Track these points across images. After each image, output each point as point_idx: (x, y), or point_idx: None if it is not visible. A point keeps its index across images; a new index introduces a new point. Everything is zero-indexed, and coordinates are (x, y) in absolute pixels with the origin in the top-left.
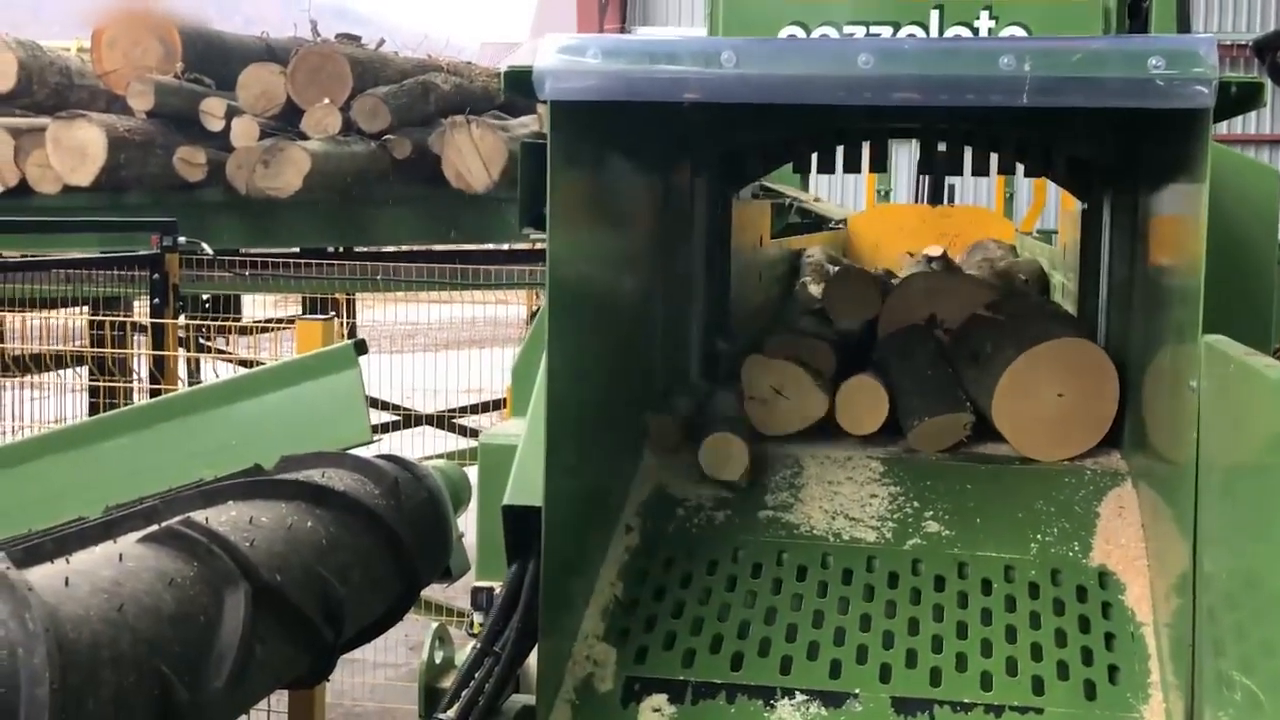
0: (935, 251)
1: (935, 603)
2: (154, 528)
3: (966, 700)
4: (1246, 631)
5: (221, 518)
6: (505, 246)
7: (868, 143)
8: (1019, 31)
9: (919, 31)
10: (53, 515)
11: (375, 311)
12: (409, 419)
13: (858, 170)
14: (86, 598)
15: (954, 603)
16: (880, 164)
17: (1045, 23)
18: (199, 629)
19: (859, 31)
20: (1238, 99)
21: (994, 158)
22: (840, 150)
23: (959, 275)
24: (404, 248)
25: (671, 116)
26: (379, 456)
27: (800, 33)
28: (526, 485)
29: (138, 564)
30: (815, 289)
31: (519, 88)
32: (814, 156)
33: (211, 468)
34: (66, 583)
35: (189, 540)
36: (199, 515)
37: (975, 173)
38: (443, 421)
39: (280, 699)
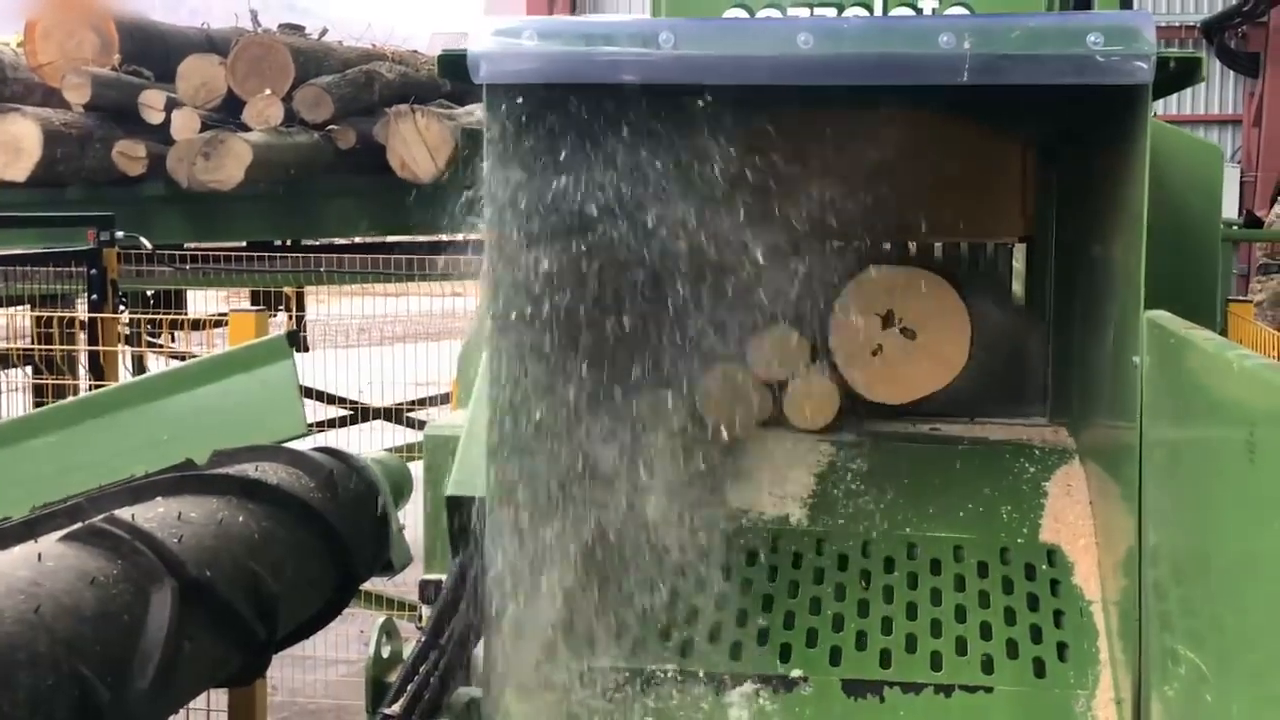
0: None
1: (885, 584)
2: (76, 526)
3: (917, 681)
4: (1191, 606)
5: (148, 514)
6: (460, 237)
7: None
8: (962, 11)
9: (863, 12)
10: None
11: (327, 305)
12: (362, 413)
13: None
14: (1, 599)
15: (904, 584)
16: None
17: (990, 1)
18: (122, 628)
19: (803, 13)
20: (1176, 74)
21: None
22: None
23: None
24: (356, 240)
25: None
26: (315, 449)
27: (744, 15)
28: (469, 476)
29: (57, 563)
30: None
31: (454, 72)
32: None
33: (143, 464)
34: None
35: (112, 538)
36: (124, 512)
37: None
38: (396, 415)
39: (220, 697)
